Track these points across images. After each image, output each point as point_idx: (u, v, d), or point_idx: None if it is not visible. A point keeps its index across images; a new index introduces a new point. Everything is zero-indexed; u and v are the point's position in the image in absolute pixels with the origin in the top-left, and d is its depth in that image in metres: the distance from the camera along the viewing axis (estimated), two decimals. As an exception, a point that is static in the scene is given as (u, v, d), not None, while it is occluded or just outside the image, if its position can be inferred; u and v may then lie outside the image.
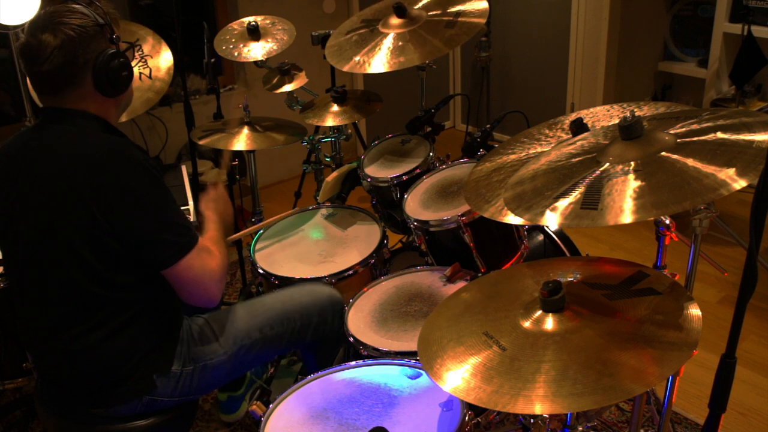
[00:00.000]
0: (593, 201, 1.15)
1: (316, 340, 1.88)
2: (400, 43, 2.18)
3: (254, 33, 2.60)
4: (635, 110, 1.35)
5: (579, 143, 1.37)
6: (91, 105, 1.55)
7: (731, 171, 1.08)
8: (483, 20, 2.15)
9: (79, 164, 1.48)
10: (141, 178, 1.49)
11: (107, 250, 1.49)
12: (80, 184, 1.46)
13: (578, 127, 1.57)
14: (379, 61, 2.16)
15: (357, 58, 2.21)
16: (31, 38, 1.48)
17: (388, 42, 2.21)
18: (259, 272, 2.11)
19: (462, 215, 1.91)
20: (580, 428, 1.41)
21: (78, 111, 1.54)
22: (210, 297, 1.59)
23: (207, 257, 1.58)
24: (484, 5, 2.19)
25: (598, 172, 1.21)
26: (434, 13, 2.24)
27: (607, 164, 1.21)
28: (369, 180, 2.31)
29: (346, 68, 2.21)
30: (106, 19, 1.54)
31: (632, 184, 1.14)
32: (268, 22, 2.67)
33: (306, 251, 2.18)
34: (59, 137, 1.53)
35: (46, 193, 1.50)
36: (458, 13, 2.20)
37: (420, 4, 2.30)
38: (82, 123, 1.54)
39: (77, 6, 1.51)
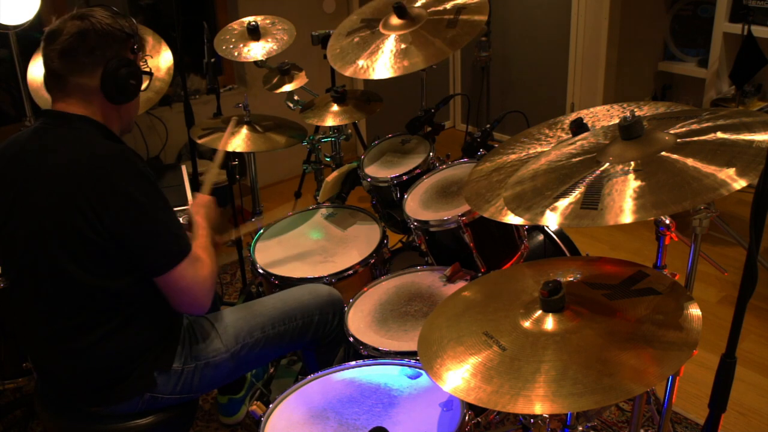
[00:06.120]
0: (593, 201, 1.15)
1: (317, 338, 1.89)
2: (402, 46, 2.16)
3: (254, 33, 2.59)
4: (635, 110, 1.35)
5: (579, 143, 1.37)
6: (93, 109, 1.55)
7: (731, 171, 1.08)
8: (484, 17, 2.13)
9: (78, 167, 1.48)
10: (139, 184, 1.49)
11: (104, 253, 1.48)
12: (78, 188, 1.46)
13: (578, 127, 1.57)
14: (383, 65, 2.13)
15: (360, 63, 2.18)
16: (60, 23, 1.52)
17: (390, 44, 2.18)
18: (259, 272, 2.11)
19: (462, 215, 1.91)
20: (580, 428, 1.41)
21: (78, 116, 1.54)
22: (199, 305, 1.59)
23: (199, 266, 1.57)
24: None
25: (598, 172, 1.21)
26: (434, 10, 2.22)
27: (607, 164, 1.21)
28: (369, 180, 2.31)
29: (348, 72, 2.19)
30: (135, 34, 1.58)
31: (632, 184, 1.14)
32: (268, 22, 2.67)
33: (306, 251, 2.18)
34: (59, 140, 1.52)
35: (44, 195, 1.50)
36: (458, 10, 2.18)
37: (419, 3, 2.29)
38: (82, 127, 1.54)
39: (113, 14, 1.56)
